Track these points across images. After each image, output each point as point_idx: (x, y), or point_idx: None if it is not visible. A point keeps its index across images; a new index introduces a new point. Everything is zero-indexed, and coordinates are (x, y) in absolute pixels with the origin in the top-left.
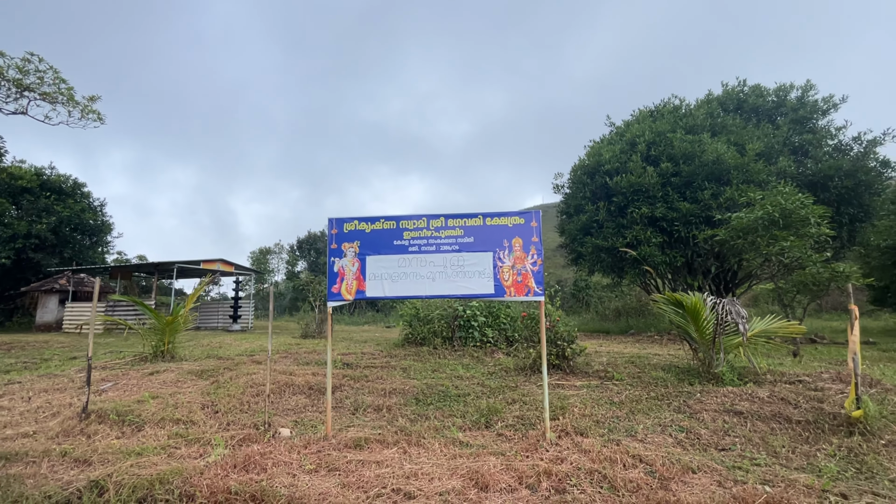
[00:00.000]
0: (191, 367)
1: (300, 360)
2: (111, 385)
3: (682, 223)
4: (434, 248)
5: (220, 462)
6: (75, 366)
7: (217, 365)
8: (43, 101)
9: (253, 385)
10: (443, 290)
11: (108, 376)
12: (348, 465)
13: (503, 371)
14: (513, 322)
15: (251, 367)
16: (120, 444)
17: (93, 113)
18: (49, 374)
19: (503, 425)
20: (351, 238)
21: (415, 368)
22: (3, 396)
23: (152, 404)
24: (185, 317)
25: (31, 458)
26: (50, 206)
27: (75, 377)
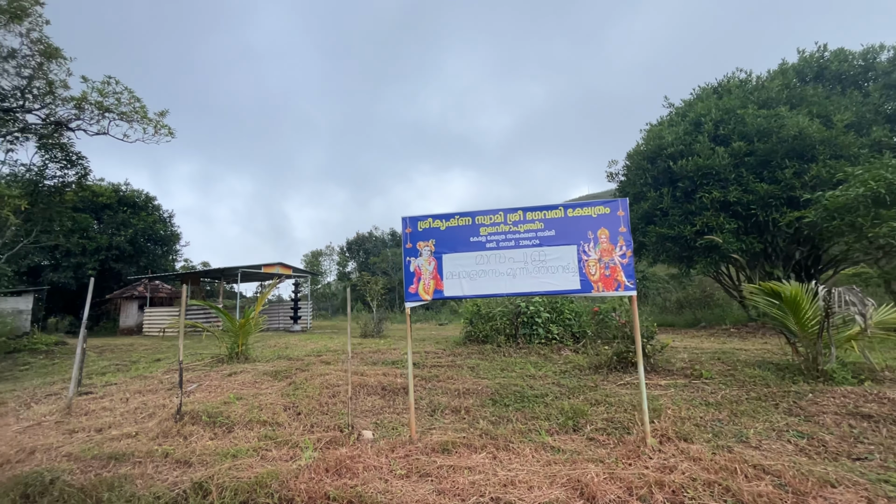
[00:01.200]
0: (265, 368)
1: (367, 359)
2: (196, 386)
3: (759, 206)
4: (513, 243)
5: (312, 466)
6: (161, 367)
7: (288, 366)
8: (121, 120)
9: (328, 386)
10: (524, 287)
11: (192, 378)
12: (439, 470)
13: (576, 370)
14: (578, 318)
15: (321, 367)
16: (214, 445)
17: (164, 128)
18: (140, 376)
19: (593, 429)
20: (426, 236)
21: (482, 367)
22: (104, 398)
23: (238, 406)
24: (257, 319)
25: (137, 459)
26: (127, 220)
27: (163, 378)
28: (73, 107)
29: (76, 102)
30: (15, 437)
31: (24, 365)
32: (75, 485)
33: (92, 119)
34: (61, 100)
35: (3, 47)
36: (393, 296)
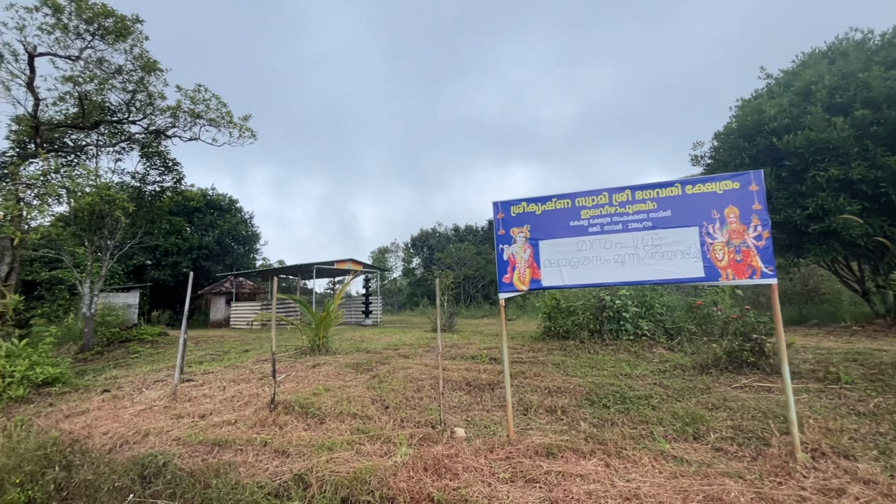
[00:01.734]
0: (345, 361)
1: (444, 354)
2: (284, 377)
3: (891, 184)
4: (620, 226)
5: (409, 463)
6: (250, 358)
7: (368, 358)
8: (210, 126)
9: (412, 380)
10: (635, 275)
11: (279, 368)
12: (547, 476)
13: (678, 369)
14: (671, 312)
15: (401, 361)
16: (309, 436)
17: (247, 131)
18: (232, 366)
19: (717, 437)
20: (520, 222)
21: (569, 365)
22: (203, 385)
23: (327, 397)
24: (336, 313)
25: (238, 446)
26: (214, 222)
27: (253, 369)
28: (169, 115)
29: (172, 111)
30: (131, 420)
31: (134, 353)
32: (185, 469)
33: (185, 126)
34: (159, 110)
35: (111, 64)
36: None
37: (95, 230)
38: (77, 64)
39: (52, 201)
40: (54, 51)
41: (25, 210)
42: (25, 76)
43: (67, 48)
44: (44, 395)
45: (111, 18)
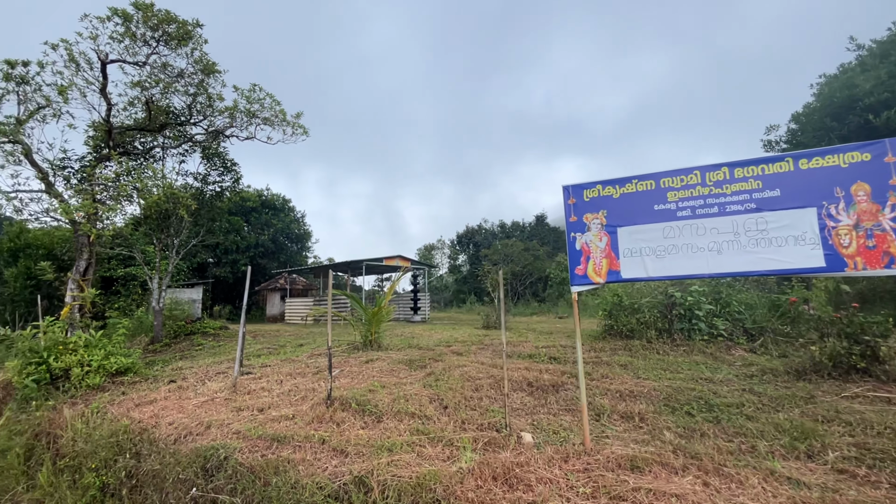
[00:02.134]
0: (398, 357)
1: (499, 352)
2: (339, 372)
3: None
4: (716, 209)
5: (476, 471)
6: (304, 352)
7: (421, 355)
8: (264, 124)
9: (469, 379)
10: (736, 265)
11: (334, 363)
12: (635, 494)
13: (768, 374)
14: (750, 310)
15: (455, 358)
16: (367, 435)
17: (300, 128)
18: (288, 360)
19: (838, 457)
20: (595, 207)
21: (638, 366)
22: (261, 378)
23: (383, 394)
24: (388, 308)
25: (297, 443)
26: (269, 221)
27: (308, 363)
28: (227, 116)
29: (229, 111)
30: (195, 411)
31: (198, 345)
32: (245, 464)
33: (242, 125)
34: (218, 111)
35: (174, 68)
36: (507, 287)
37: (162, 229)
38: (143, 70)
39: (123, 201)
40: (124, 58)
41: (100, 209)
42: (99, 83)
43: (135, 55)
44: (117, 384)
45: (174, 24)
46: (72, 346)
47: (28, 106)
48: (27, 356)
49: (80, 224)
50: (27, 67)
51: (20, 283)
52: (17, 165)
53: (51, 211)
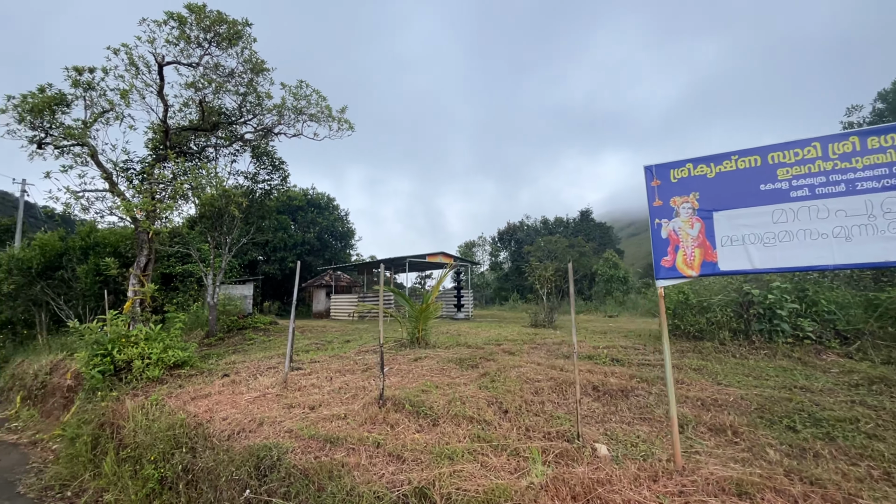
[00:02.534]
0: (447, 355)
1: (556, 352)
2: (388, 370)
3: None
4: (843, 187)
5: (550, 487)
6: (352, 348)
7: (471, 354)
8: (311, 121)
9: (527, 381)
10: (872, 253)
11: (399, 362)
12: None
13: (877, 383)
14: (842, 310)
15: (507, 358)
16: (424, 440)
17: (345, 123)
18: (336, 356)
19: None
20: (684, 189)
21: (715, 371)
22: (311, 374)
23: (437, 395)
24: (435, 305)
25: (350, 445)
26: (314, 219)
27: (356, 359)
28: (275, 114)
29: (277, 109)
30: (247, 407)
31: (249, 340)
32: (299, 466)
33: (289, 122)
34: (266, 109)
35: (225, 68)
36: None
37: (216, 227)
38: (197, 70)
39: (179, 200)
40: (178, 59)
41: (158, 207)
42: (156, 84)
43: (189, 57)
44: (175, 377)
45: (224, 25)
46: (133, 339)
47: (94, 110)
48: (94, 348)
49: (140, 221)
50: (93, 74)
51: (90, 278)
52: (84, 166)
53: (114, 209)
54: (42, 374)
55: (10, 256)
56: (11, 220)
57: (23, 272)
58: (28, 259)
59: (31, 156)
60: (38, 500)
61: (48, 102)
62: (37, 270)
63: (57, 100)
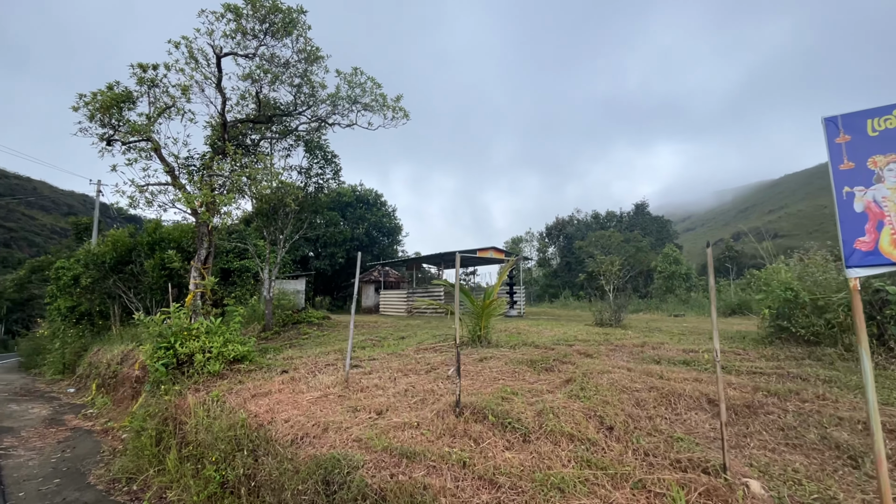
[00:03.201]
0: (515, 356)
1: (637, 355)
2: (452, 371)
3: None
4: None
5: None
6: (409, 345)
7: (542, 355)
8: (365, 110)
9: (623, 390)
10: None
11: (445, 360)
12: None
13: None
14: None
15: (587, 361)
16: (518, 460)
17: (401, 111)
18: (395, 353)
19: None
20: (890, 144)
21: (851, 384)
22: (371, 373)
23: (520, 404)
24: (499, 301)
25: (430, 462)
26: (363, 215)
27: (417, 357)
28: (328, 104)
29: (331, 98)
30: (309, 409)
31: (304, 334)
32: (374, 486)
33: (343, 112)
34: (320, 100)
35: (280, 58)
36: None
37: (271, 222)
38: (252, 62)
39: (237, 195)
40: (235, 51)
41: (217, 199)
42: (215, 77)
43: (245, 48)
44: (234, 371)
45: (279, 14)
46: (195, 333)
47: (156, 106)
48: (157, 341)
49: (200, 213)
50: (156, 70)
51: (156, 272)
52: (147, 160)
53: (175, 202)
54: (114, 363)
55: (87, 252)
56: (89, 219)
57: (97, 266)
58: (102, 254)
59: (101, 153)
60: (105, 493)
61: (116, 100)
62: (109, 265)
63: (124, 97)
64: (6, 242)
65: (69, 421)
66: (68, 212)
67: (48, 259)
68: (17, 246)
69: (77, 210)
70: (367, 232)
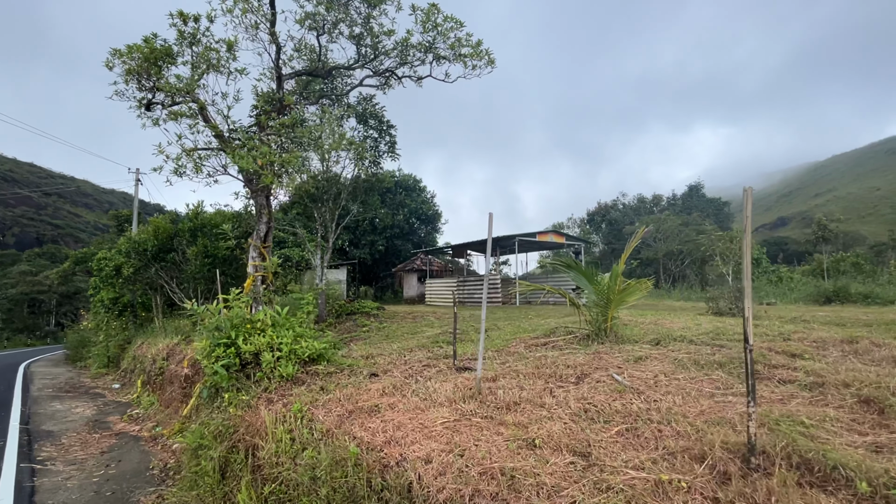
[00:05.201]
0: (675, 355)
1: (874, 355)
2: (622, 379)
3: None
4: None
5: None
6: (505, 340)
7: (722, 357)
8: (438, 62)
9: None
10: None
11: (584, 361)
12: None
13: None
14: None
15: (802, 362)
16: None
17: (486, 55)
18: (500, 350)
19: None
20: None
21: None
22: (497, 380)
23: (841, 447)
24: (645, 283)
25: None
26: (403, 201)
27: (532, 356)
28: (396, 54)
29: (400, 46)
30: (451, 438)
31: (362, 326)
32: None
33: (415, 62)
34: (384, 53)
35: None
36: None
37: (324, 202)
38: (311, 2)
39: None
40: None
41: (276, 161)
42: (267, 19)
43: None
44: (311, 375)
45: None
46: (259, 326)
47: (198, 67)
48: (215, 336)
49: (261, 175)
50: (197, 22)
51: (199, 260)
52: (192, 118)
53: (228, 166)
54: (159, 359)
55: (128, 239)
56: (129, 211)
57: (139, 255)
58: (143, 241)
59: (141, 118)
60: None
61: (154, 57)
62: (151, 252)
63: (163, 53)
64: (54, 239)
65: (114, 423)
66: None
67: (90, 251)
68: (63, 242)
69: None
70: (406, 219)
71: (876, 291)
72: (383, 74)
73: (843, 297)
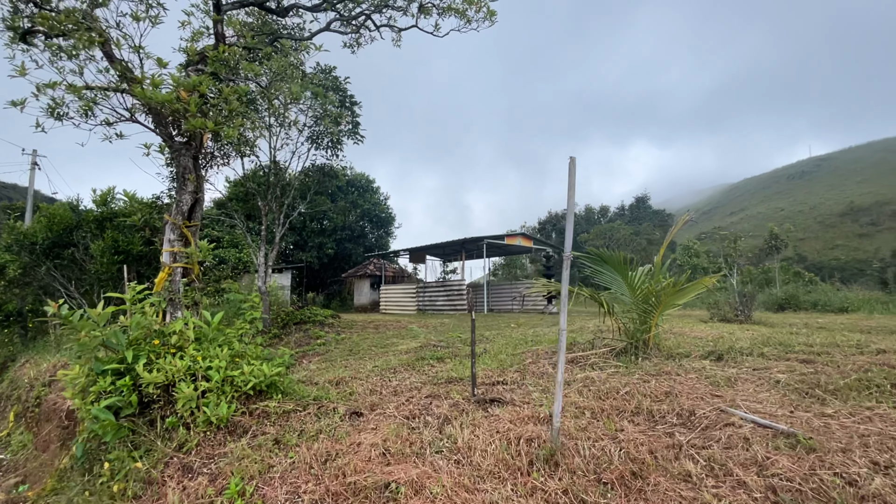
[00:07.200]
0: (755, 373)
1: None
2: (783, 426)
3: None
4: None
5: None
6: (512, 358)
7: (806, 373)
8: (423, 13)
9: None
10: None
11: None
12: None
13: None
14: None
15: None
16: None
17: (484, 6)
18: (519, 371)
19: None
20: None
21: None
22: (543, 420)
23: None
24: (697, 286)
25: None
26: (355, 201)
27: (578, 378)
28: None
29: None
30: None
31: (316, 338)
32: None
33: (394, 5)
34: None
35: None
36: None
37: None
38: None
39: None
40: None
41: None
42: None
43: None
44: (258, 417)
45: None
46: (176, 342)
47: None
48: (98, 359)
49: (185, 111)
50: None
51: (107, 257)
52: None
53: (136, 111)
54: (38, 384)
55: (12, 228)
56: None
57: (27, 249)
58: (32, 234)
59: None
60: None
61: None
62: (42, 247)
63: None
64: None
65: None
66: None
67: None
68: None
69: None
70: (357, 220)
71: (824, 300)
72: (355, 20)
73: (794, 304)
